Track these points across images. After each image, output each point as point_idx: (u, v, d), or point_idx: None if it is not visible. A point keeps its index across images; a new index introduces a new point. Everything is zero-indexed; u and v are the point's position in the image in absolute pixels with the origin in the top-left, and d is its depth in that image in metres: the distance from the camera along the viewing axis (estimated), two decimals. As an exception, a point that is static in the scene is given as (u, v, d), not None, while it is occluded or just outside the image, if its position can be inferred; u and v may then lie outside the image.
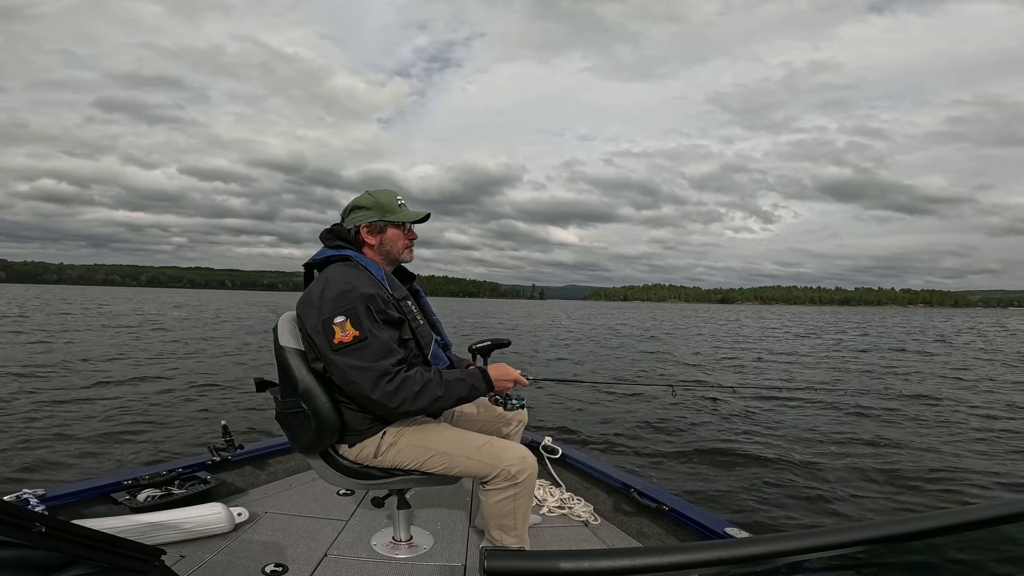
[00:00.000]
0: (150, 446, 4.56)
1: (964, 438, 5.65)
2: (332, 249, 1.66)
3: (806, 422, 6.25)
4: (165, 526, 1.78)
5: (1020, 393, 8.50)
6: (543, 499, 2.30)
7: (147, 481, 2.03)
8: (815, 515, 3.66)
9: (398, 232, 1.68)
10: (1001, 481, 4.35)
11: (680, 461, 4.72)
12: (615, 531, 2.14)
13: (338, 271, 1.57)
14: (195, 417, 5.63)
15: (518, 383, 1.67)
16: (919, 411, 6.97)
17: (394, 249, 1.69)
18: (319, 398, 1.55)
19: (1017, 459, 4.94)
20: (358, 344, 1.45)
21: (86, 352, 10.05)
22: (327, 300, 1.49)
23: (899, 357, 14.22)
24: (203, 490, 2.08)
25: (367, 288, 1.52)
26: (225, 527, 1.88)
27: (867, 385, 9.29)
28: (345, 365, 1.45)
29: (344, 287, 1.50)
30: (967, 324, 36.09)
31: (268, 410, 1.84)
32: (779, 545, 0.54)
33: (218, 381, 7.71)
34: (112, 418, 5.39)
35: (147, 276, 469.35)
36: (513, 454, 1.59)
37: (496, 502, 1.59)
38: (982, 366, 12.34)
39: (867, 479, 4.34)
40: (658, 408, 6.87)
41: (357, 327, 1.46)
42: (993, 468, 4.66)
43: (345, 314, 1.46)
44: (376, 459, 1.61)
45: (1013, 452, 5.15)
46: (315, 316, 1.49)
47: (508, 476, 1.57)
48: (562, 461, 2.54)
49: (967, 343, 19.79)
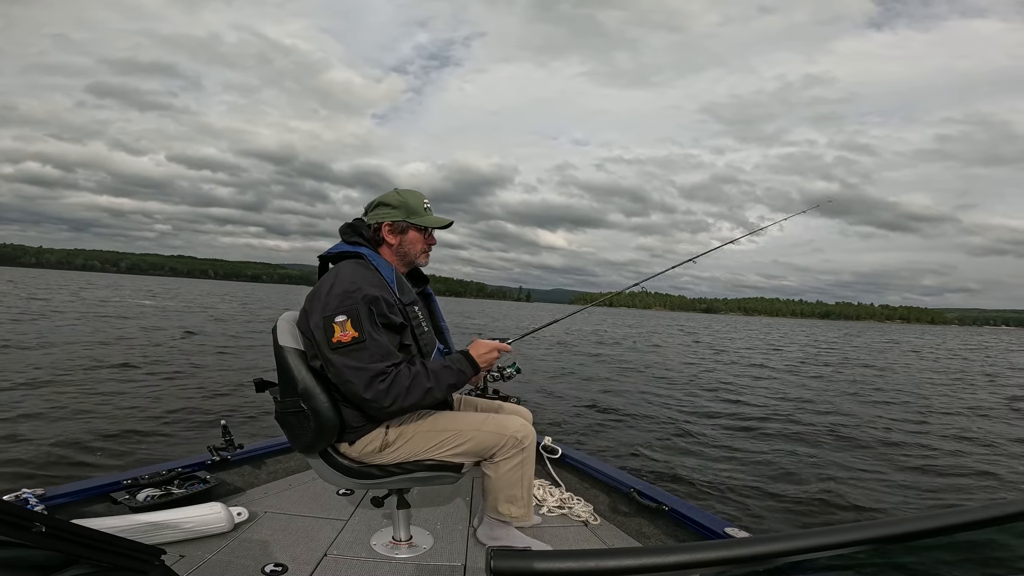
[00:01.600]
0: (149, 445, 4.55)
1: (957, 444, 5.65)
2: (348, 244, 1.67)
3: (805, 421, 6.26)
4: (165, 526, 1.78)
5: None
6: (543, 499, 2.30)
7: (146, 481, 2.03)
8: (815, 515, 3.66)
9: (419, 236, 1.70)
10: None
11: (680, 461, 4.73)
12: (615, 531, 2.14)
13: (348, 269, 1.58)
14: (195, 417, 5.63)
15: (501, 351, 1.70)
16: (908, 415, 6.99)
17: (412, 252, 1.71)
18: (319, 397, 1.55)
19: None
20: (356, 345, 1.46)
21: (85, 350, 10.04)
22: (332, 297, 1.50)
23: (885, 366, 14.25)
24: (203, 490, 2.07)
25: (372, 290, 1.52)
26: (225, 527, 1.87)
27: (860, 392, 9.31)
28: (341, 364, 1.46)
29: (350, 287, 1.51)
30: (924, 342, 36.21)
31: (268, 410, 1.84)
32: (779, 545, 0.54)
33: (218, 381, 7.71)
34: (112, 417, 5.39)
35: (127, 263, 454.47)
36: (516, 422, 1.68)
37: (506, 472, 1.67)
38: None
39: (867, 478, 4.35)
40: (658, 407, 6.88)
41: (357, 328, 1.47)
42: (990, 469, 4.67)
43: (347, 314, 1.47)
44: (383, 453, 1.61)
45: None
46: (319, 311, 1.51)
47: (515, 443, 1.64)
48: (562, 461, 2.54)
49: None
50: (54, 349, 9.74)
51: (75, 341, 10.90)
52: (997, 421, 7.06)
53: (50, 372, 7.61)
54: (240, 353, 11.10)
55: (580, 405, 6.89)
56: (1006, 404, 8.70)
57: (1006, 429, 6.61)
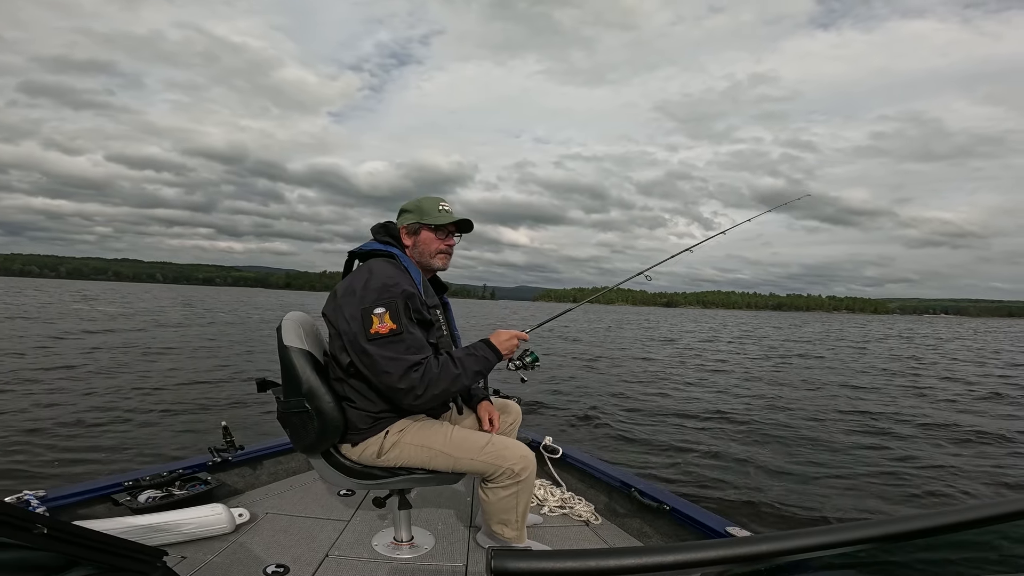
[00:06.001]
0: (151, 447, 4.56)
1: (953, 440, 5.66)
2: (380, 244, 1.72)
3: (806, 421, 6.26)
4: (166, 527, 1.78)
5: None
6: (544, 499, 2.30)
7: (148, 482, 2.03)
8: (815, 514, 3.66)
9: (431, 235, 1.73)
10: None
11: (680, 461, 4.73)
12: (616, 531, 2.14)
13: (383, 266, 1.63)
14: (195, 418, 5.63)
15: (520, 339, 1.73)
16: (909, 415, 6.99)
17: (426, 251, 1.73)
18: (323, 398, 1.57)
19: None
20: (394, 337, 1.50)
21: (84, 353, 10.04)
22: (370, 290, 1.54)
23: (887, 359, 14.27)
24: (204, 491, 2.07)
25: (408, 287, 1.59)
26: (226, 528, 1.88)
27: (860, 391, 9.31)
28: (378, 355, 1.49)
29: (388, 280, 1.56)
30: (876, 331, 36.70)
31: (269, 410, 1.84)
32: (780, 544, 0.54)
33: (217, 381, 7.71)
34: (112, 419, 5.39)
35: (68, 267, 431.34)
36: (515, 452, 1.65)
37: (499, 499, 1.66)
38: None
39: (866, 479, 4.35)
40: (657, 408, 6.88)
41: (395, 320, 1.51)
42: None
43: (386, 306, 1.52)
44: (379, 458, 1.63)
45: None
46: (355, 304, 1.54)
47: (511, 474, 1.63)
48: (562, 461, 2.54)
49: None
50: (55, 349, 9.75)
51: (75, 342, 10.90)
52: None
53: (50, 372, 7.62)
54: (241, 353, 11.11)
55: (580, 405, 6.89)
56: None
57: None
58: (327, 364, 1.69)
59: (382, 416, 1.63)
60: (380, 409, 1.62)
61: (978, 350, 20.99)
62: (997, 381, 10.90)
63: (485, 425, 1.86)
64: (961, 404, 7.86)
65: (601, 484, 2.34)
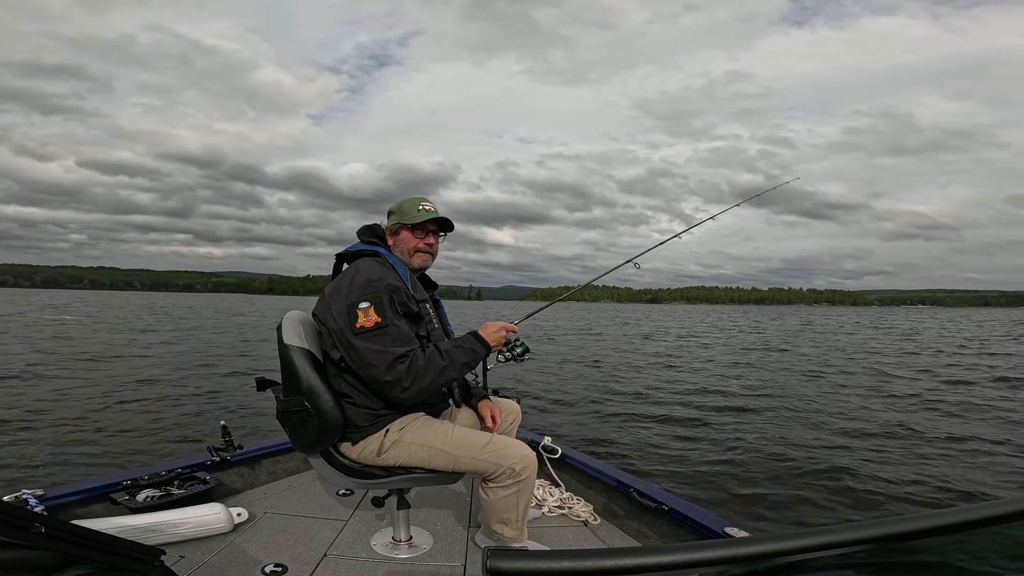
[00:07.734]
0: (149, 446, 4.55)
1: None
2: (365, 244, 1.75)
3: (806, 421, 6.26)
4: (164, 526, 1.78)
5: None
6: (543, 499, 2.30)
7: (146, 481, 2.03)
8: (815, 514, 3.66)
9: (409, 235, 1.76)
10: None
11: (679, 461, 4.73)
12: (615, 531, 2.14)
13: (368, 264, 1.66)
14: (194, 417, 5.63)
15: (508, 331, 1.74)
16: (917, 403, 6.99)
17: (405, 249, 1.76)
18: (323, 396, 1.57)
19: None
20: (379, 330, 1.51)
21: (84, 353, 10.04)
22: (355, 286, 1.57)
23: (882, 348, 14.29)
24: (202, 490, 2.07)
25: (393, 281, 1.61)
26: (224, 527, 1.87)
27: (860, 390, 9.31)
28: (364, 348, 1.51)
29: (372, 276, 1.59)
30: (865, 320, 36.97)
31: (268, 410, 1.85)
32: (779, 545, 0.54)
33: (217, 381, 7.71)
34: (111, 418, 5.39)
35: (42, 276, 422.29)
36: (516, 452, 1.65)
37: (500, 498, 1.66)
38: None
39: (865, 479, 4.35)
40: (655, 408, 6.88)
41: (380, 314, 1.53)
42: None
43: (370, 301, 1.54)
44: (379, 457, 1.63)
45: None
46: (342, 301, 1.56)
47: (512, 474, 1.63)
48: (562, 461, 2.54)
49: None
50: (54, 350, 9.74)
51: (75, 342, 10.89)
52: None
53: (49, 372, 7.61)
54: (241, 354, 11.11)
55: (579, 404, 6.89)
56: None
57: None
58: (326, 363, 1.69)
59: (382, 414, 1.63)
60: (380, 407, 1.62)
61: (984, 341, 20.84)
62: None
63: (487, 421, 1.85)
64: (974, 401, 7.85)
65: (600, 484, 2.34)
